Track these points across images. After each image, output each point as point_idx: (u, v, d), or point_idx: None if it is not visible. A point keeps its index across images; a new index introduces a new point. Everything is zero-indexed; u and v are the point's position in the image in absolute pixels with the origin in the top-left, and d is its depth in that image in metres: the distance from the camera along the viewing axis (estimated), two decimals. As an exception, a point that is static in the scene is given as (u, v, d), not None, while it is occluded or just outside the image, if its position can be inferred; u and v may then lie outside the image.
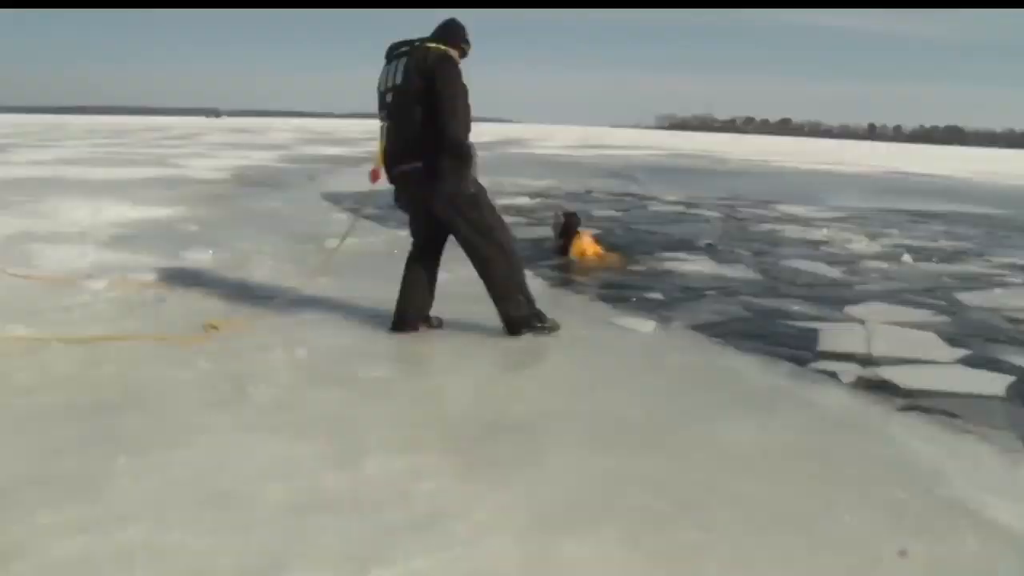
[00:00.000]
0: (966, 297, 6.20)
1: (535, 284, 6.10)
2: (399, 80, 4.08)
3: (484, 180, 4.27)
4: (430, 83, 4.01)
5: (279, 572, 2.04)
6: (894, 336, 4.85)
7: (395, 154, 4.19)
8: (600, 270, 6.75)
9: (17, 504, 2.31)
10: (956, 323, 5.32)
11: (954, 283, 6.83)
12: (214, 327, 4.23)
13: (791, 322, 5.11)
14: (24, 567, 2.02)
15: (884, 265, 7.58)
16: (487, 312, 4.34)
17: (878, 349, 4.51)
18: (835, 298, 5.91)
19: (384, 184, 4.35)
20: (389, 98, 4.15)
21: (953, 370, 4.27)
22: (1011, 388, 3.93)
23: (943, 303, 5.94)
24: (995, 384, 3.99)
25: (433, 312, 4.50)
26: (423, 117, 4.02)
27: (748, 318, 5.20)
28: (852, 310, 5.50)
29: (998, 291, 6.49)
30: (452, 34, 4.24)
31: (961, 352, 4.56)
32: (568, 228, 7.22)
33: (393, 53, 4.21)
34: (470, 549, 2.19)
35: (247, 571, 2.05)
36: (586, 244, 7.13)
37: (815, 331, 4.88)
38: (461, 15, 4.28)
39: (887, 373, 4.07)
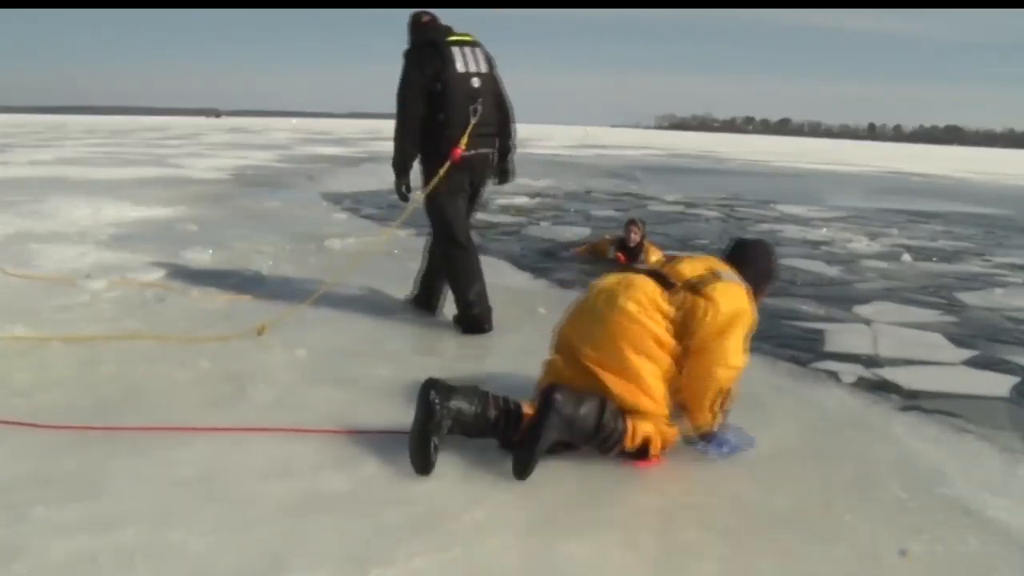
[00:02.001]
0: (966, 297, 6.20)
1: (537, 284, 6.11)
2: (483, 68, 4.29)
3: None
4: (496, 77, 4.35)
5: (279, 572, 2.04)
6: (894, 336, 4.85)
7: (477, 136, 4.28)
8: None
9: (17, 504, 2.30)
10: (956, 323, 5.32)
11: (954, 283, 6.83)
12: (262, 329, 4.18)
13: (791, 322, 5.12)
14: (24, 567, 2.01)
15: (884, 265, 7.58)
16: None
17: (878, 349, 4.51)
18: (835, 298, 5.91)
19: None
20: (477, 83, 4.23)
21: (954, 370, 4.28)
22: (1012, 388, 3.94)
23: (943, 303, 5.94)
24: (996, 384, 4.00)
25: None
26: (496, 108, 4.34)
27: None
28: (852, 310, 5.51)
29: (999, 291, 6.50)
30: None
31: (961, 352, 4.57)
32: (643, 237, 6.98)
33: (456, 39, 4.28)
34: (470, 549, 2.19)
35: (247, 571, 2.05)
36: (654, 253, 6.88)
37: (815, 331, 4.88)
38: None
39: (888, 373, 4.07)
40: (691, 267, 2.88)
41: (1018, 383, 4.01)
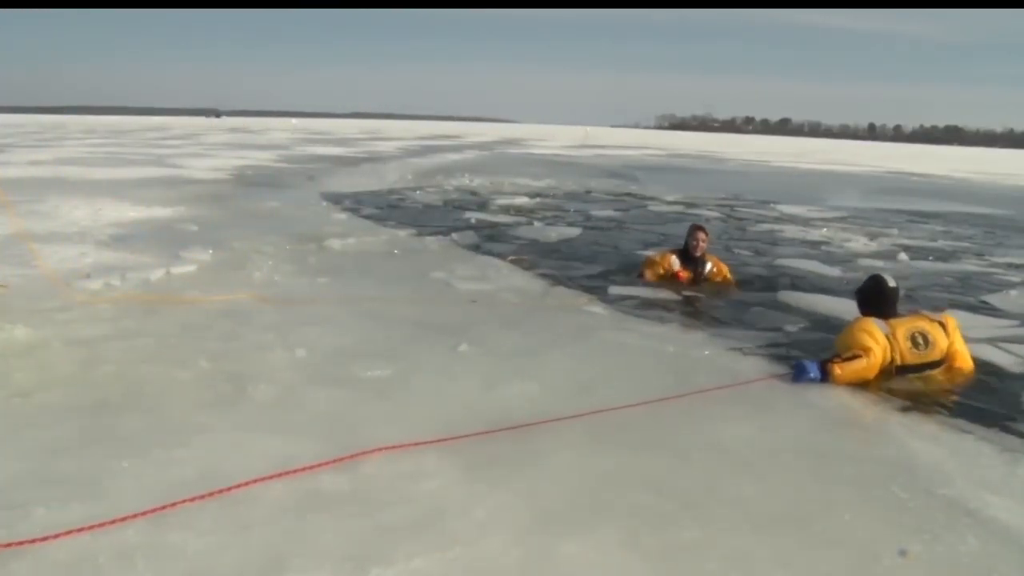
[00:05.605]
0: (966, 297, 6.20)
1: (536, 283, 6.09)
2: None
3: (484, 179, 4.31)
4: None
5: (279, 572, 2.04)
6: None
7: None
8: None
9: (17, 504, 2.30)
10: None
11: (953, 283, 6.83)
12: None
13: (791, 322, 5.11)
14: (24, 567, 2.02)
15: (882, 264, 7.58)
16: (490, 313, 4.34)
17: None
18: (835, 298, 5.90)
19: None
20: None
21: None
22: (1012, 388, 3.93)
23: (944, 303, 5.94)
24: (996, 384, 3.99)
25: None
26: None
27: (748, 318, 5.20)
28: (851, 310, 5.49)
29: (1013, 292, 6.47)
30: None
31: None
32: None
33: None
34: (470, 549, 2.19)
35: (247, 571, 2.05)
36: (717, 262, 6.39)
37: (815, 331, 4.88)
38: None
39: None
40: None
41: (1019, 384, 4.01)
